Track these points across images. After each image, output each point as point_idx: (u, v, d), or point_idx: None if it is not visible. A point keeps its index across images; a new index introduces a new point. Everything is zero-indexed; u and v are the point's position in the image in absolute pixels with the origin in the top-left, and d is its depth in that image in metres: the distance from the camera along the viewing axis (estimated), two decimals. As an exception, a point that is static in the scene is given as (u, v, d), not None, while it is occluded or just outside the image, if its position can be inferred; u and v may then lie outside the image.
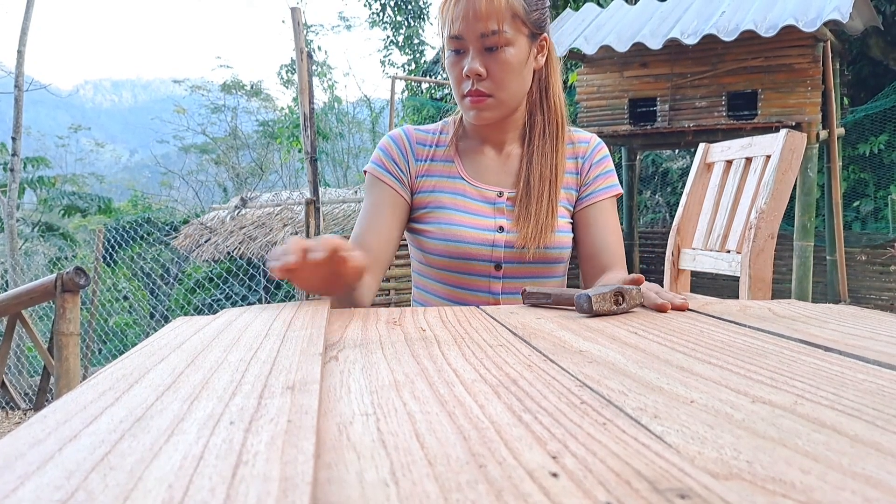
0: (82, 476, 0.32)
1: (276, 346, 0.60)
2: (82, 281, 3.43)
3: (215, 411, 0.41)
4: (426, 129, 1.44)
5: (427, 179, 1.39)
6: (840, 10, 4.39)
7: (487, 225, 1.34)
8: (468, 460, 0.35)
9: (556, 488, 0.31)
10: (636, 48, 5.02)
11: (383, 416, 0.43)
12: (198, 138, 17.61)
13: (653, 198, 9.17)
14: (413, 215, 1.41)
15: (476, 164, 1.39)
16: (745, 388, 0.48)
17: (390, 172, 1.38)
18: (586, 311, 0.86)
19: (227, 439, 0.35)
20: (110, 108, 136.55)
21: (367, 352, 0.64)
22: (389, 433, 0.39)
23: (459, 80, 1.28)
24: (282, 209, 8.33)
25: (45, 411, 0.45)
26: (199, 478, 0.31)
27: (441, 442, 0.38)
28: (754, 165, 1.75)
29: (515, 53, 1.26)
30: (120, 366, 0.59)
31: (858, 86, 7.06)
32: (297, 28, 5.04)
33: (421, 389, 0.50)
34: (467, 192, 1.37)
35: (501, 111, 1.30)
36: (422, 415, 0.43)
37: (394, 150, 1.40)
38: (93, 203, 12.24)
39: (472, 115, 1.30)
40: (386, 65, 14.71)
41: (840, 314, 0.85)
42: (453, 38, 1.25)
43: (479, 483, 0.32)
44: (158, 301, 9.72)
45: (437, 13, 1.30)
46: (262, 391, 0.45)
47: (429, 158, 1.40)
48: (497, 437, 0.39)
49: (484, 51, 1.25)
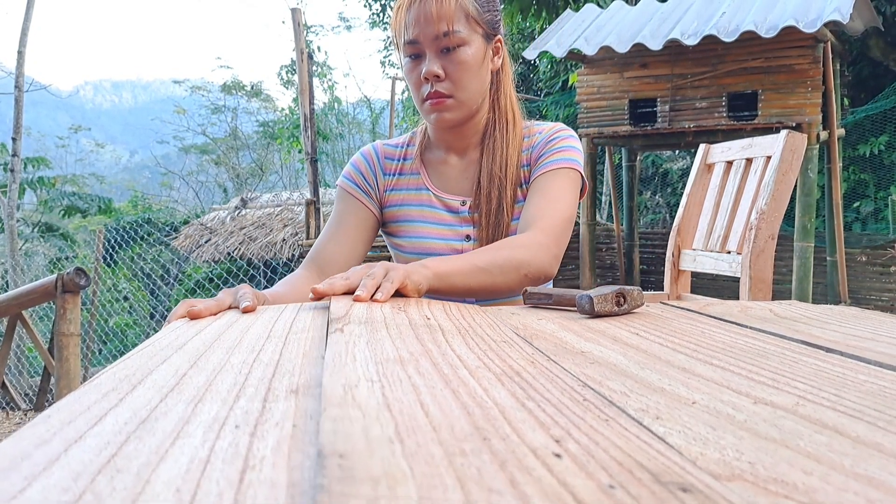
0: (89, 478, 0.32)
1: (278, 349, 0.60)
2: (82, 281, 3.43)
3: (220, 414, 0.41)
4: (394, 144, 1.45)
5: (395, 193, 1.40)
6: (840, 11, 4.39)
7: (454, 235, 1.35)
8: (472, 433, 0.35)
9: (559, 467, 0.31)
10: (636, 49, 5.02)
11: (388, 384, 0.43)
12: (198, 139, 17.61)
13: (653, 198, 9.17)
14: (386, 229, 1.43)
15: (441, 174, 1.39)
16: (746, 390, 0.48)
17: (359, 186, 1.40)
18: (588, 312, 0.86)
19: (233, 443, 0.35)
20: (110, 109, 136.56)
21: (372, 329, 0.64)
22: (395, 399, 0.39)
23: (418, 85, 1.28)
24: (282, 210, 8.33)
25: (48, 411, 0.45)
26: (206, 482, 0.30)
27: (445, 414, 0.38)
28: (755, 166, 1.75)
29: (472, 53, 1.26)
30: (122, 366, 0.59)
31: (859, 86, 7.06)
32: (298, 29, 5.04)
33: (425, 367, 0.49)
34: (433, 203, 1.38)
35: (462, 112, 1.30)
36: (426, 388, 0.43)
37: (363, 165, 1.42)
38: (93, 203, 12.23)
39: (433, 119, 1.30)
40: (386, 65, 14.73)
41: (841, 315, 0.85)
42: (409, 43, 1.26)
43: (484, 453, 0.32)
44: (159, 301, 9.71)
45: (391, 23, 1.31)
46: (265, 395, 0.45)
47: (396, 172, 1.41)
48: (501, 416, 0.38)
49: (440, 53, 1.25)
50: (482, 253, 1.15)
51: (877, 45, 6.63)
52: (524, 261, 1.14)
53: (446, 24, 1.22)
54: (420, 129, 1.45)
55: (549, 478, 0.29)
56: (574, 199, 1.30)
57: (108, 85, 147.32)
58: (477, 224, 1.34)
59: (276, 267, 8.15)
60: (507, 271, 1.12)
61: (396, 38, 1.30)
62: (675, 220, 2.00)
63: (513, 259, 1.14)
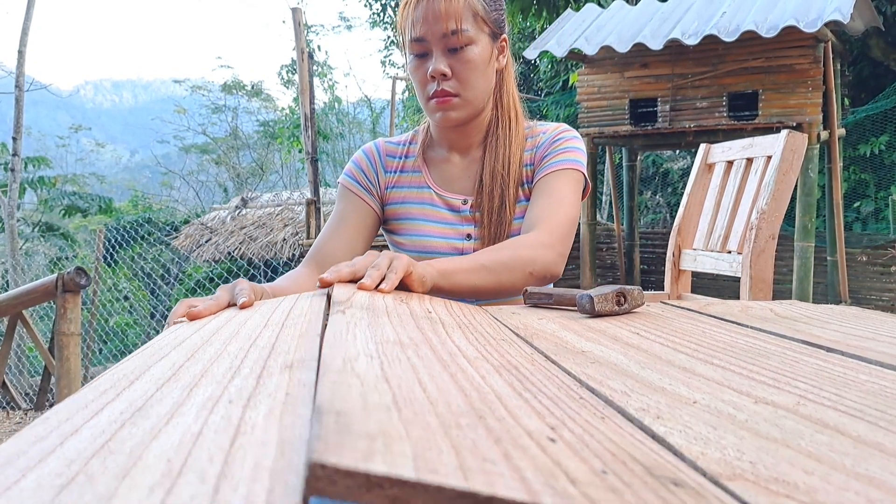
0: (83, 462, 0.32)
1: (274, 333, 0.60)
2: (83, 281, 3.43)
3: (214, 394, 0.41)
4: (396, 141, 1.45)
5: (397, 191, 1.40)
6: (841, 11, 4.39)
7: (455, 234, 1.34)
8: (468, 410, 0.35)
9: (553, 448, 0.31)
10: (637, 49, 5.02)
11: (388, 362, 0.43)
12: (198, 138, 17.61)
13: (653, 198, 9.17)
14: (387, 226, 1.43)
15: (443, 172, 1.39)
16: (747, 389, 0.48)
17: (360, 184, 1.40)
18: (588, 312, 0.86)
19: (226, 416, 0.35)
20: (111, 109, 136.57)
21: (373, 315, 0.64)
22: (393, 375, 0.39)
23: (424, 83, 1.27)
24: (282, 209, 8.33)
25: (47, 413, 0.45)
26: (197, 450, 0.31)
27: (442, 392, 0.38)
28: (755, 166, 1.75)
29: (479, 52, 1.25)
30: (122, 367, 0.59)
31: (859, 86, 7.06)
32: (298, 28, 5.04)
33: (424, 352, 0.50)
34: (435, 202, 1.37)
35: (467, 111, 1.29)
36: (425, 369, 0.43)
37: (364, 163, 1.42)
38: (93, 203, 12.23)
39: (438, 117, 1.29)
40: (386, 65, 14.72)
41: (842, 315, 0.85)
42: (416, 41, 1.25)
43: (479, 428, 0.32)
44: (159, 301, 9.71)
45: (397, 20, 1.30)
46: (260, 373, 0.45)
47: (398, 170, 1.41)
48: (497, 401, 0.38)
49: (447, 51, 1.24)
50: (487, 252, 1.14)
51: (877, 45, 6.63)
52: (530, 259, 1.14)
53: (454, 22, 1.22)
54: (422, 128, 1.44)
55: (542, 457, 0.29)
56: (578, 199, 1.30)
57: (109, 84, 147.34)
58: (478, 223, 1.33)
59: (276, 266, 8.15)
60: (512, 270, 1.12)
61: (402, 34, 1.29)
62: (676, 220, 2.00)
63: (518, 258, 1.13)
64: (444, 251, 1.33)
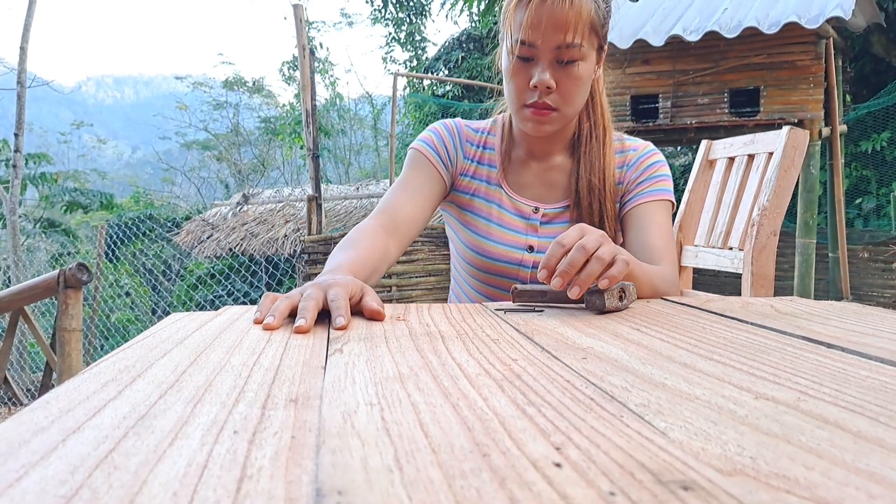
0: (87, 472, 0.32)
1: (278, 354, 0.60)
2: (84, 277, 3.44)
3: (219, 418, 0.41)
4: (475, 128, 1.37)
5: (470, 181, 1.34)
6: (842, 7, 4.38)
7: (517, 242, 1.29)
8: (472, 449, 0.35)
9: (559, 477, 0.31)
10: (638, 45, 5.01)
11: (388, 405, 0.43)
12: (200, 135, 17.63)
13: (655, 195, 9.15)
14: (448, 208, 1.38)
15: (518, 174, 1.33)
16: (748, 385, 0.48)
17: (439, 155, 1.32)
18: (598, 308, 0.86)
19: (231, 450, 0.36)
20: (112, 105, 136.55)
21: (371, 345, 0.64)
22: (394, 422, 0.40)
23: (522, 90, 1.19)
24: (284, 206, 8.33)
25: (46, 396, 0.46)
26: (203, 488, 0.30)
27: (445, 432, 0.38)
28: (756, 162, 1.74)
29: (586, 68, 1.18)
30: (122, 356, 0.60)
31: (861, 83, 7.05)
32: (299, 25, 5.03)
33: (425, 381, 0.50)
34: (504, 203, 1.32)
35: (562, 124, 1.24)
36: (426, 406, 0.43)
37: (446, 137, 1.34)
38: (95, 199, 12.24)
39: (530, 127, 1.22)
40: (388, 61, 14.70)
41: (842, 311, 0.85)
42: (524, 44, 1.15)
43: (483, 471, 0.32)
44: (160, 297, 9.73)
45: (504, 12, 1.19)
46: (265, 401, 0.45)
47: (476, 160, 1.35)
48: (501, 428, 0.39)
49: (555, 62, 1.16)
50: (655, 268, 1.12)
51: (879, 42, 6.62)
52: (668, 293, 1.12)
53: (572, 35, 1.13)
54: (503, 121, 1.37)
55: (549, 491, 0.30)
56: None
57: (111, 81, 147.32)
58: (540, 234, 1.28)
59: (277, 263, 8.16)
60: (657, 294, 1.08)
61: (508, 30, 1.18)
62: (677, 217, 2.00)
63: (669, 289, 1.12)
64: (499, 258, 1.28)
